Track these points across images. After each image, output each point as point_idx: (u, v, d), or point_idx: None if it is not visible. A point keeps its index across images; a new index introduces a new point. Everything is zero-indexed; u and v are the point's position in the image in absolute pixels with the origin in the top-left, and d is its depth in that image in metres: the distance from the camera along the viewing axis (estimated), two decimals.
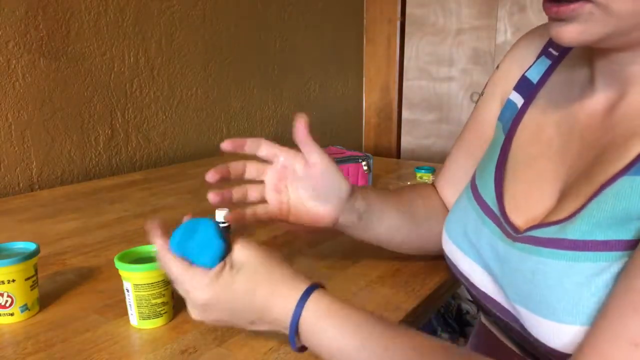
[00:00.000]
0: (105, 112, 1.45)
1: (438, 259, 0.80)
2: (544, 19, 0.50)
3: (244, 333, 0.60)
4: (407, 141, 2.52)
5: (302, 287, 0.49)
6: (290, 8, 2.06)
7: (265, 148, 0.64)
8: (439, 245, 0.76)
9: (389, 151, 2.55)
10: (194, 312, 0.51)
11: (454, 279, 0.78)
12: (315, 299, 0.48)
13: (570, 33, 0.44)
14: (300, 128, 0.61)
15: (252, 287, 0.49)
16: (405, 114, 2.51)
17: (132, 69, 1.51)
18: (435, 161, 2.06)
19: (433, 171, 1.36)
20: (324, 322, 0.47)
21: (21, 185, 1.28)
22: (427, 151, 2.47)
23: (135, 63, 1.51)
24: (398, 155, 2.55)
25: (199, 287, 0.49)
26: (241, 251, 0.50)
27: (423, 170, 1.37)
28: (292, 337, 0.48)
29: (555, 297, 0.46)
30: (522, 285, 0.50)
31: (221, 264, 0.50)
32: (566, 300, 0.45)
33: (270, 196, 0.65)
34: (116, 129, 1.49)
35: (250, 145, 0.64)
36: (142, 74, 1.54)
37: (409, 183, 1.32)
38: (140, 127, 1.56)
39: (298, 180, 0.64)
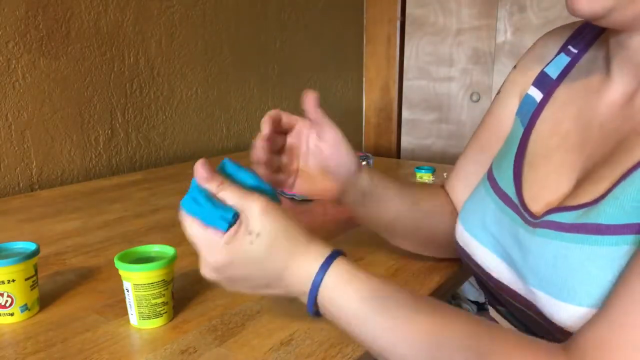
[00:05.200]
0: (105, 112, 1.45)
1: (438, 259, 0.80)
2: (544, 18, 0.53)
3: (244, 332, 0.60)
4: (407, 141, 2.52)
5: (325, 253, 0.49)
6: (290, 8, 2.06)
7: (284, 118, 0.66)
8: (441, 247, 0.77)
9: (389, 151, 2.55)
10: (206, 271, 0.51)
11: (458, 277, 0.79)
12: (337, 265, 0.49)
13: (581, 3, 0.48)
14: (311, 105, 0.63)
15: (270, 252, 0.49)
16: (405, 114, 2.51)
17: (132, 69, 1.51)
18: (435, 161, 2.06)
19: (433, 171, 1.36)
20: (344, 288, 0.48)
21: (21, 185, 1.28)
22: (427, 151, 2.47)
23: (135, 63, 1.51)
24: (398, 155, 2.55)
25: (214, 249, 0.49)
26: (260, 215, 0.48)
27: (423, 170, 1.37)
28: (311, 302, 0.49)
29: (578, 280, 0.47)
30: (543, 270, 0.51)
31: (236, 226, 0.49)
32: (588, 284, 0.46)
33: (283, 160, 0.67)
34: (116, 129, 1.49)
35: (276, 117, 0.65)
36: (142, 74, 1.54)
37: None
38: (140, 127, 1.56)
39: (309, 151, 0.66)
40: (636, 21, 0.49)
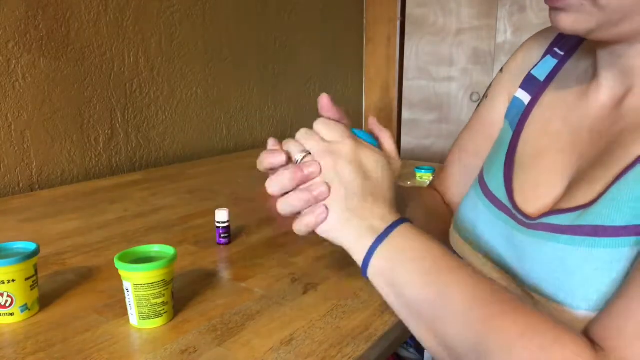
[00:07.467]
0: (105, 112, 1.45)
1: None
2: (544, 18, 0.53)
3: (244, 332, 0.60)
4: (407, 141, 2.52)
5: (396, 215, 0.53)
6: (290, 8, 2.06)
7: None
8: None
9: None
10: (317, 138, 0.54)
11: None
12: (406, 227, 0.51)
13: (565, 21, 0.49)
14: (373, 121, 0.64)
15: (383, 172, 0.56)
16: (405, 114, 2.51)
17: (132, 69, 1.51)
18: (435, 161, 2.06)
19: (433, 171, 1.36)
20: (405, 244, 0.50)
21: (21, 185, 1.28)
22: (427, 151, 2.47)
23: (135, 63, 1.51)
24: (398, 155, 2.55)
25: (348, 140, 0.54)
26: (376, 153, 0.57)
27: (423, 170, 1.37)
28: (374, 248, 0.51)
29: (576, 283, 0.46)
30: (539, 272, 0.50)
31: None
32: (586, 287, 0.45)
33: None
34: (116, 129, 1.49)
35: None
36: (142, 74, 1.54)
37: (409, 183, 1.32)
38: (140, 127, 1.56)
39: None
40: (620, 37, 0.49)
